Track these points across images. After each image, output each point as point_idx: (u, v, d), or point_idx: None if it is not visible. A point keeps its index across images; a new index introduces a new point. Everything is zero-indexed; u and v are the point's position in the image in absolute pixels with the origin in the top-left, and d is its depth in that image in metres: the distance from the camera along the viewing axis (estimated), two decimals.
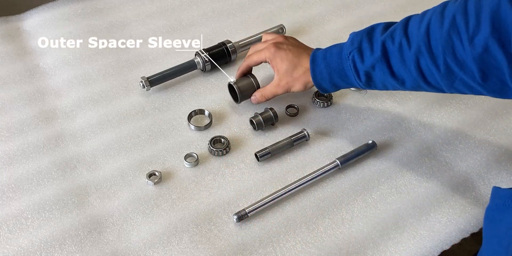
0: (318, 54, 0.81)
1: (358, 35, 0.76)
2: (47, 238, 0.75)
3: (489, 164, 0.85)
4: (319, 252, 0.74)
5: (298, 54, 0.83)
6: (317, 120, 0.91)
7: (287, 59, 0.83)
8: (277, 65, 0.84)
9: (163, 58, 1.01)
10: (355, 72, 0.76)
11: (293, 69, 0.83)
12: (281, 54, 0.84)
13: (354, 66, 0.75)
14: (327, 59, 0.79)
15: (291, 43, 0.86)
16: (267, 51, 0.85)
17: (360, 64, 0.74)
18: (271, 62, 0.85)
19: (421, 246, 0.75)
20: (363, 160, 0.85)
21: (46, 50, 1.01)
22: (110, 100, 0.93)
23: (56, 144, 0.86)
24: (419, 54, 0.68)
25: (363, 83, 0.77)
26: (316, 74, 0.80)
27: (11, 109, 0.91)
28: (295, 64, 0.82)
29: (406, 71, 0.70)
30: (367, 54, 0.73)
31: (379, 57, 0.72)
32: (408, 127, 0.90)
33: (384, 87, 0.76)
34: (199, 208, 0.79)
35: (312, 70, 0.80)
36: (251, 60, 0.88)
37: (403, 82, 0.72)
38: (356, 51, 0.74)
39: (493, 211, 0.65)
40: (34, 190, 0.80)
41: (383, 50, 0.71)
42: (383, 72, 0.73)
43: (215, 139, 0.86)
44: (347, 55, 0.76)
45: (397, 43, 0.70)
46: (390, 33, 0.72)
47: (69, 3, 1.10)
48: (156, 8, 1.11)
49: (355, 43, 0.75)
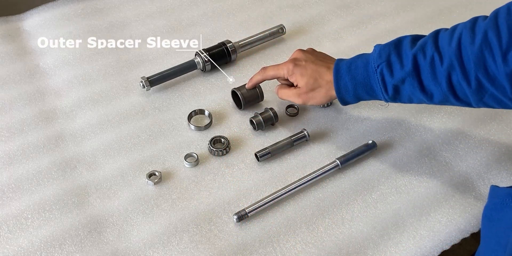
0: (342, 66, 0.79)
1: (385, 47, 0.74)
2: (47, 238, 0.75)
3: (489, 164, 0.85)
4: (319, 252, 0.74)
5: (317, 67, 0.81)
6: (317, 120, 0.91)
7: (307, 74, 0.81)
8: (296, 80, 0.82)
9: (163, 58, 1.01)
10: (382, 86, 0.74)
11: (314, 82, 0.81)
12: (300, 70, 0.82)
13: (382, 80, 0.74)
14: (352, 71, 0.77)
15: (309, 57, 0.84)
16: (285, 67, 0.84)
17: (389, 77, 0.73)
18: (290, 78, 0.84)
19: (421, 246, 0.75)
20: (363, 160, 0.85)
21: (46, 50, 1.01)
22: (110, 100, 0.93)
23: (56, 144, 0.86)
24: (451, 69, 0.67)
25: (389, 97, 0.75)
26: (341, 87, 0.78)
27: (11, 109, 0.91)
28: (316, 78, 0.81)
29: (436, 86, 0.69)
30: (396, 67, 0.72)
31: (410, 71, 0.70)
32: (408, 127, 0.90)
33: (409, 100, 0.75)
34: (199, 208, 0.79)
35: (336, 83, 0.78)
36: (267, 74, 0.87)
37: (432, 96, 0.71)
38: (385, 64, 0.73)
39: (491, 210, 0.65)
40: (34, 190, 0.80)
41: (414, 64, 0.70)
42: (413, 86, 0.71)
43: (215, 139, 0.86)
44: (375, 68, 0.74)
45: (428, 57, 0.69)
46: (420, 47, 0.70)
47: (69, 3, 1.10)
48: (156, 8, 1.11)
49: (383, 56, 0.73)
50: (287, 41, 1.06)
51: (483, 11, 1.12)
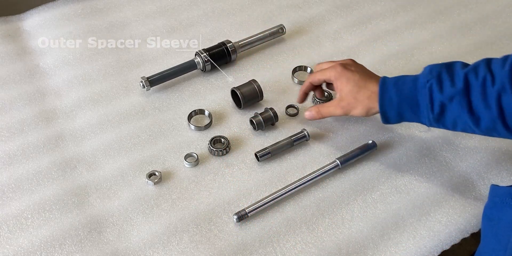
0: (389, 80, 0.76)
1: (436, 66, 0.73)
2: (47, 238, 0.75)
3: (489, 164, 0.85)
4: (319, 252, 0.74)
5: (365, 77, 0.79)
6: (317, 120, 0.91)
7: (353, 80, 0.78)
8: (341, 85, 0.79)
9: (163, 58, 1.01)
10: (429, 102, 0.71)
11: (358, 90, 0.77)
12: (347, 74, 0.79)
13: (430, 95, 0.71)
14: (399, 85, 0.74)
15: (359, 66, 0.82)
16: (333, 69, 0.81)
17: (437, 93, 0.70)
18: (335, 82, 0.80)
19: (421, 246, 0.75)
20: (363, 160, 0.85)
21: (46, 50, 1.01)
22: (110, 100, 0.93)
23: (56, 144, 0.86)
24: (502, 91, 0.66)
25: (434, 117, 0.72)
26: (385, 99, 0.75)
27: (11, 109, 0.91)
28: (361, 86, 0.77)
29: (485, 108, 0.67)
30: (447, 84, 0.70)
31: (460, 90, 0.68)
32: (408, 127, 0.90)
33: (453, 125, 0.72)
34: (199, 208, 0.79)
35: (381, 95, 0.75)
36: (315, 78, 0.84)
37: (478, 120, 0.69)
38: (435, 80, 0.71)
39: (491, 209, 0.65)
40: (34, 190, 0.80)
41: (465, 82, 0.68)
42: (461, 106, 0.69)
43: (215, 139, 0.86)
44: (424, 83, 0.72)
45: (480, 77, 0.68)
46: (473, 67, 0.70)
47: (69, 3, 1.10)
48: (156, 8, 1.11)
49: (433, 73, 0.72)
50: (287, 41, 1.06)
51: (483, 11, 1.13)
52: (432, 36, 1.07)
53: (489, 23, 1.10)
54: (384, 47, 1.05)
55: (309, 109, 0.85)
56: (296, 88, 0.96)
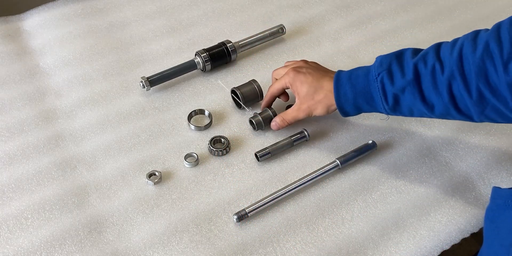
0: (342, 75, 0.78)
1: (387, 57, 0.74)
2: (47, 238, 0.75)
3: (489, 164, 0.85)
4: (319, 252, 0.74)
5: (318, 76, 0.80)
6: (317, 120, 0.91)
7: (306, 82, 0.80)
8: (297, 89, 0.81)
9: (163, 58, 1.01)
10: (382, 95, 0.73)
11: (314, 92, 0.80)
12: (300, 78, 0.81)
13: (382, 88, 0.73)
14: (352, 80, 0.76)
15: (311, 67, 0.84)
16: (287, 76, 0.83)
17: (389, 86, 0.72)
18: (292, 87, 0.82)
19: (421, 246, 0.75)
20: (363, 160, 0.85)
21: (46, 50, 1.01)
22: (110, 100, 0.93)
23: (56, 144, 0.86)
24: (451, 79, 0.66)
25: (389, 107, 0.74)
26: (340, 96, 0.77)
27: (11, 109, 0.91)
28: (316, 87, 0.79)
29: (437, 96, 0.69)
30: (397, 76, 0.71)
31: (411, 80, 0.70)
32: (408, 127, 0.90)
33: (410, 112, 0.74)
34: (199, 208, 0.79)
35: (336, 92, 0.77)
36: (274, 89, 0.86)
37: (432, 107, 0.70)
38: (386, 72, 0.72)
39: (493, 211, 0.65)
40: (34, 190, 0.80)
41: (415, 73, 0.70)
42: (414, 96, 0.70)
43: (215, 139, 0.86)
44: (375, 76, 0.73)
45: (429, 66, 0.68)
46: (422, 56, 0.70)
47: (69, 3, 1.10)
48: (156, 8, 1.11)
49: (384, 65, 0.73)
50: (287, 41, 1.06)
51: (483, 11, 1.13)
52: (432, 36, 1.07)
53: (489, 23, 1.09)
54: (384, 47, 1.05)
55: (273, 119, 0.86)
56: None
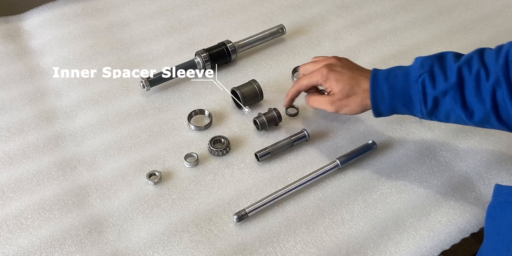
0: (379, 74, 0.75)
1: (428, 59, 0.72)
2: (47, 238, 0.75)
3: (489, 164, 0.85)
4: (319, 252, 0.74)
5: (354, 75, 0.77)
6: (317, 120, 0.91)
7: (342, 80, 0.77)
8: (331, 87, 0.78)
9: (163, 58, 1.01)
10: (422, 97, 0.71)
11: (349, 88, 0.76)
12: (335, 75, 0.77)
13: (423, 91, 0.70)
14: (390, 80, 0.73)
15: (345, 64, 0.80)
16: (319, 73, 0.79)
17: (430, 88, 0.70)
18: (324, 84, 0.79)
19: (421, 246, 0.75)
20: (363, 160, 0.85)
21: (46, 50, 1.01)
22: (110, 100, 0.93)
23: (56, 144, 0.86)
24: (496, 86, 0.65)
25: (427, 111, 0.72)
26: (377, 95, 0.74)
27: (11, 109, 0.91)
28: (352, 85, 0.76)
29: (479, 103, 0.67)
30: (439, 79, 0.69)
31: (454, 84, 0.68)
32: (408, 127, 0.90)
33: (446, 117, 0.72)
34: (199, 208, 0.79)
35: (372, 91, 0.74)
36: (301, 85, 0.82)
37: (472, 114, 0.69)
38: (428, 74, 0.70)
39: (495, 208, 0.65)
40: (34, 190, 0.80)
41: (458, 77, 0.68)
42: (454, 101, 0.68)
43: (215, 139, 0.86)
44: (416, 77, 0.71)
45: (474, 72, 0.67)
46: (466, 61, 0.69)
47: (69, 3, 1.10)
48: (156, 8, 1.11)
49: (425, 67, 0.71)
50: (287, 41, 1.06)
51: (483, 11, 1.13)
52: (432, 36, 1.07)
53: (489, 23, 1.10)
54: (384, 47, 1.05)
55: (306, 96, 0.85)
56: None
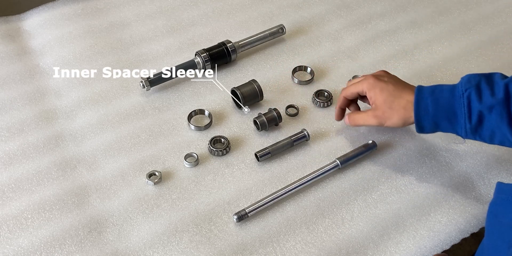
0: (425, 88, 0.75)
1: (475, 76, 0.71)
2: (47, 238, 0.75)
3: (489, 164, 0.85)
4: (319, 252, 0.74)
5: (399, 87, 0.77)
6: (317, 120, 0.91)
7: (387, 90, 0.77)
8: (375, 95, 0.78)
9: (163, 58, 1.01)
10: (467, 111, 0.70)
11: (393, 100, 0.76)
12: (381, 85, 0.78)
13: (468, 104, 0.69)
14: (436, 94, 0.73)
15: (392, 77, 0.81)
16: (365, 81, 0.80)
17: (476, 103, 0.69)
18: (369, 93, 0.79)
19: (421, 246, 0.75)
20: (363, 160, 0.85)
21: (46, 50, 1.01)
22: (110, 100, 0.93)
23: (56, 144, 0.86)
24: None
25: (471, 127, 0.70)
26: (420, 108, 0.73)
27: (11, 109, 0.91)
28: (396, 96, 0.76)
29: None
30: (486, 93, 0.68)
31: (501, 100, 0.67)
32: (408, 127, 0.90)
33: (491, 136, 0.70)
34: (199, 208, 0.79)
35: (417, 104, 0.73)
36: (348, 91, 0.83)
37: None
38: (474, 89, 0.69)
39: (496, 205, 0.65)
40: (34, 190, 0.80)
41: (506, 93, 0.67)
42: (501, 117, 0.67)
43: (215, 139, 0.86)
44: (462, 92, 0.70)
45: None
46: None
47: (69, 3, 1.10)
48: (156, 8, 1.11)
49: (472, 81, 0.70)
50: (287, 41, 1.06)
51: (483, 11, 1.13)
52: (432, 36, 1.07)
53: (489, 23, 1.10)
54: (384, 47, 1.05)
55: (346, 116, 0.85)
56: (296, 88, 0.96)
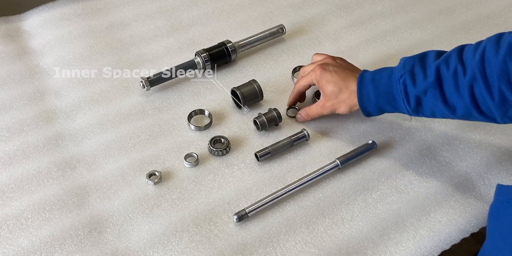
0: (366, 76, 0.79)
1: (410, 59, 0.74)
2: (47, 238, 0.75)
3: (489, 164, 0.85)
4: (319, 252, 0.74)
5: (344, 76, 0.81)
6: (317, 120, 0.91)
7: (332, 81, 0.81)
8: (323, 87, 0.83)
9: (163, 58, 1.01)
10: (405, 96, 0.74)
11: (339, 91, 0.81)
12: (326, 76, 0.82)
13: (404, 90, 0.73)
14: (376, 81, 0.77)
15: (338, 64, 0.85)
16: (313, 73, 0.84)
17: (411, 88, 0.72)
18: (318, 84, 0.84)
19: (421, 246, 0.75)
20: (363, 160, 0.85)
21: (46, 50, 1.01)
22: (110, 100, 0.93)
23: (56, 144, 0.86)
24: (473, 81, 0.67)
25: (411, 109, 0.74)
26: (363, 96, 0.78)
27: (11, 109, 0.91)
28: (341, 87, 0.81)
29: (459, 98, 0.69)
30: (419, 78, 0.72)
31: (433, 82, 0.70)
32: (408, 127, 0.90)
33: (432, 114, 0.74)
34: (199, 208, 0.79)
35: (359, 92, 0.78)
36: (300, 85, 0.87)
37: (454, 109, 0.71)
38: (408, 74, 0.73)
39: (497, 208, 0.65)
40: (34, 190, 0.80)
41: (437, 75, 0.70)
42: (435, 98, 0.71)
43: (215, 139, 0.86)
44: (398, 78, 0.74)
45: (452, 69, 0.69)
46: (444, 59, 0.71)
47: (69, 3, 1.10)
48: (156, 8, 1.11)
49: (407, 67, 0.73)
50: (287, 41, 1.06)
51: (483, 11, 1.13)
52: (432, 36, 1.07)
53: (489, 23, 1.10)
54: (384, 47, 1.05)
55: (298, 112, 0.90)
56: None
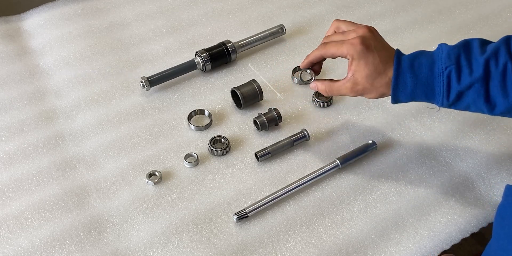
0: (404, 60, 0.70)
1: (455, 49, 0.68)
2: (47, 238, 0.75)
3: (489, 164, 0.85)
4: (319, 252, 0.74)
5: (386, 59, 0.71)
6: (317, 120, 0.91)
7: (373, 64, 0.70)
8: (359, 68, 0.71)
9: (163, 58, 1.01)
10: (446, 90, 0.68)
11: (377, 76, 0.71)
12: (368, 57, 0.71)
13: (448, 84, 0.67)
14: (415, 69, 0.69)
15: (379, 42, 0.73)
16: (352, 47, 0.71)
17: (455, 83, 0.67)
18: (352, 62, 0.72)
19: (421, 246, 0.75)
20: (363, 160, 0.85)
21: (46, 50, 1.01)
22: (110, 100, 0.93)
23: (56, 144, 0.86)
24: None
25: (449, 103, 0.69)
26: (399, 84, 0.70)
27: (11, 109, 0.91)
28: (380, 72, 0.71)
29: (504, 97, 0.65)
30: (465, 72, 0.66)
31: (479, 78, 0.65)
32: (408, 127, 0.90)
33: (466, 108, 0.69)
34: (199, 208, 0.79)
35: (395, 79, 0.69)
36: (328, 52, 0.75)
37: (494, 107, 0.67)
38: (454, 67, 0.67)
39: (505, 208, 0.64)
40: (34, 190, 0.80)
41: (485, 70, 0.65)
42: (478, 95, 0.66)
43: (215, 139, 0.86)
44: (442, 70, 0.67)
45: (501, 65, 0.65)
46: (493, 53, 0.66)
47: (69, 3, 1.10)
48: (156, 8, 1.11)
49: (452, 58, 0.67)
50: (287, 41, 1.06)
51: (483, 11, 1.13)
52: (432, 36, 1.07)
53: (489, 23, 1.10)
54: None
55: (315, 81, 0.79)
56: (296, 88, 0.96)
